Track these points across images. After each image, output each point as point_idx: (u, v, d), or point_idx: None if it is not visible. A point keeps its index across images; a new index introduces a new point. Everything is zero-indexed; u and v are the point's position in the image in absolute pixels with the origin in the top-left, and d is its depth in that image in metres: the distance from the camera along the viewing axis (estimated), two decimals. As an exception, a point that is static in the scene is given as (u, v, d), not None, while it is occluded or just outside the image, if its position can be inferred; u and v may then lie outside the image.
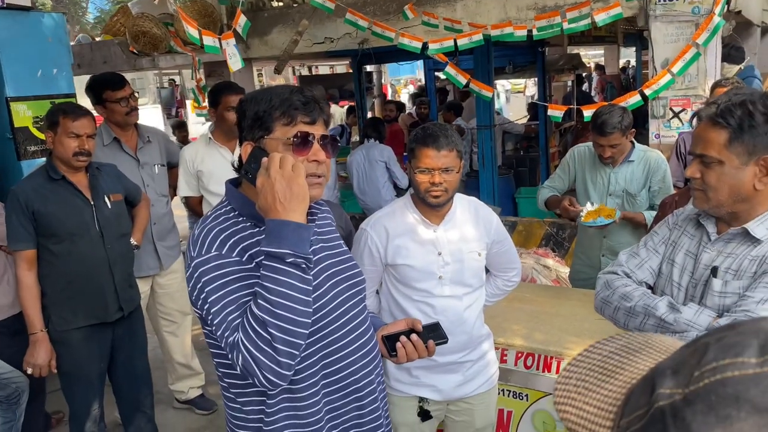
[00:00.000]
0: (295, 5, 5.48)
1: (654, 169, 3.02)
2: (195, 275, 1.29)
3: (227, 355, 1.27)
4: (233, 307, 1.25)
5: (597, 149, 3.03)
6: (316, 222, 1.44)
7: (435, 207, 2.01)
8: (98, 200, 2.71)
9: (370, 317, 1.57)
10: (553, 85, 9.91)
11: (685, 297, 1.59)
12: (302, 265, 1.20)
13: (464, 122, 7.71)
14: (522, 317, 2.77)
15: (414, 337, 1.52)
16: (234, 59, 3.61)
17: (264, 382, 1.20)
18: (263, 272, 1.20)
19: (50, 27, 3.91)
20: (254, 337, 1.18)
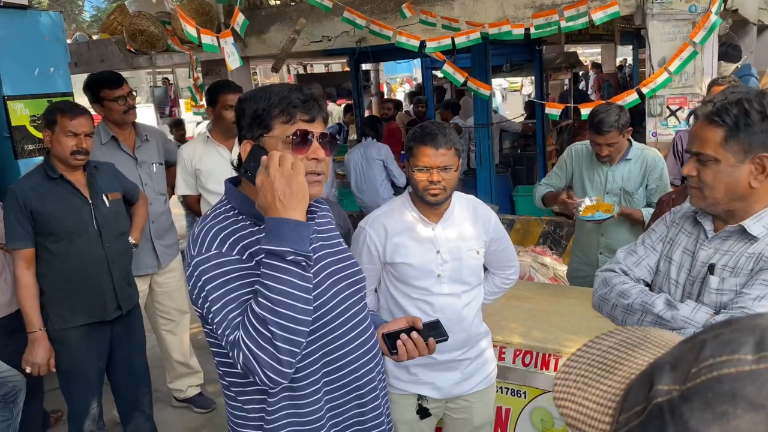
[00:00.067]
0: (293, 4, 5.48)
1: (651, 167, 3.03)
2: (195, 274, 1.29)
3: (228, 354, 1.27)
4: (234, 306, 1.25)
5: (594, 148, 3.04)
6: (316, 220, 1.44)
7: (433, 205, 2.01)
8: (96, 199, 2.71)
9: (371, 315, 1.57)
10: (550, 84, 9.93)
11: (683, 294, 1.60)
12: (302, 263, 1.20)
13: (461, 121, 7.72)
14: (520, 315, 2.78)
15: (414, 335, 1.52)
16: (232, 58, 3.61)
17: (265, 380, 1.20)
18: (263, 270, 1.20)
19: (47, 25, 3.90)
20: (255, 335, 1.18)
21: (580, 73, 12.72)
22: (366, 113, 8.71)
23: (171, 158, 3.56)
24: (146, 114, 14.06)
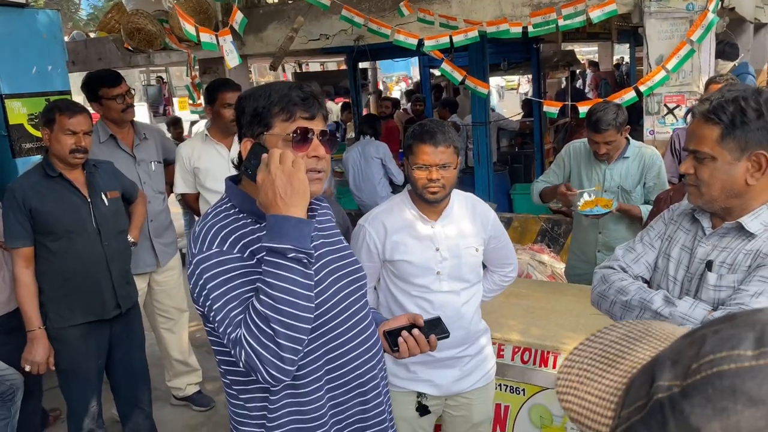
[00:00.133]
0: (291, 2, 5.47)
1: (649, 166, 3.04)
2: (196, 272, 1.29)
3: (230, 352, 1.27)
4: (235, 304, 1.25)
5: (592, 146, 3.05)
6: (317, 218, 1.44)
7: (433, 203, 2.02)
8: (95, 197, 2.70)
9: (372, 313, 1.57)
10: (548, 82, 9.93)
11: (681, 291, 1.61)
12: (304, 260, 1.20)
13: (459, 119, 7.72)
14: (518, 312, 2.79)
15: (416, 332, 1.52)
16: (231, 56, 3.61)
17: (267, 378, 1.20)
18: (265, 268, 1.20)
19: (45, 24, 3.89)
20: (257, 333, 1.18)
21: (577, 72, 12.72)
22: (364, 112, 8.71)
23: (169, 156, 3.56)
24: (140, 113, 13.98)
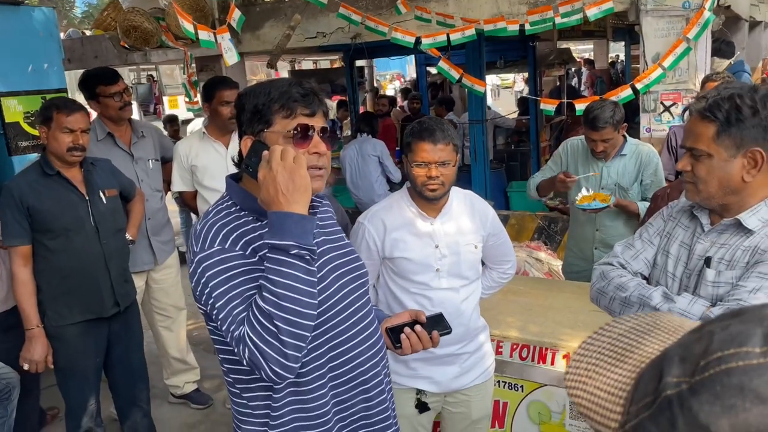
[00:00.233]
0: (287, 0, 5.46)
1: (646, 163, 3.05)
2: (198, 271, 1.28)
3: (232, 350, 1.26)
4: (238, 301, 1.24)
5: (589, 144, 3.05)
6: (318, 215, 1.44)
7: (432, 200, 2.02)
8: (93, 195, 2.70)
9: (374, 310, 1.57)
10: (543, 80, 9.94)
11: (680, 287, 1.62)
12: (306, 257, 1.20)
13: (456, 117, 7.73)
14: (516, 309, 2.79)
15: (418, 328, 1.52)
16: (230, 53, 3.60)
17: (271, 375, 1.19)
18: (267, 265, 1.20)
19: (41, 21, 3.88)
20: (260, 330, 1.18)
21: (573, 70, 12.75)
22: (361, 110, 8.71)
23: (167, 154, 3.56)
24: (130, 111, 13.79)
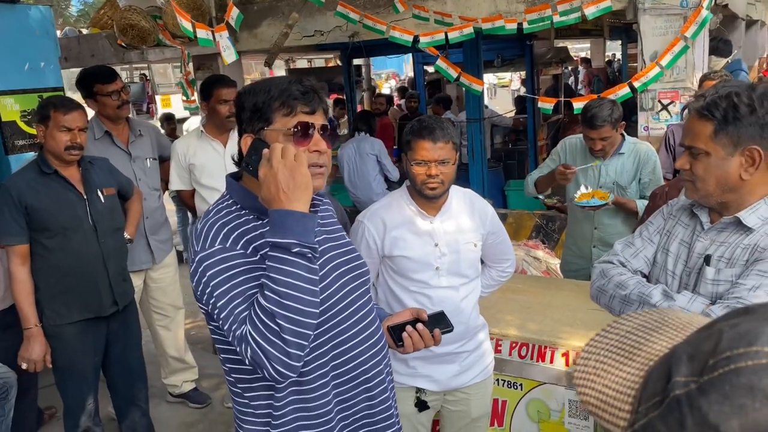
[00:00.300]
0: (285, -2, 5.44)
1: (644, 161, 3.05)
2: (199, 270, 1.28)
3: (234, 350, 1.26)
4: (240, 300, 1.23)
5: (588, 142, 3.06)
6: (319, 213, 1.43)
7: (432, 199, 2.02)
8: (91, 194, 2.69)
9: (375, 308, 1.56)
10: (541, 79, 9.95)
11: (679, 285, 1.62)
12: (308, 255, 1.19)
13: (453, 115, 7.73)
14: (515, 308, 2.80)
15: (420, 327, 1.51)
16: (228, 52, 3.59)
17: (273, 374, 1.19)
18: (269, 263, 1.19)
19: (37, 20, 3.86)
20: (262, 329, 1.17)
21: (569, 69, 12.75)
22: (358, 108, 8.70)
23: (165, 153, 3.55)
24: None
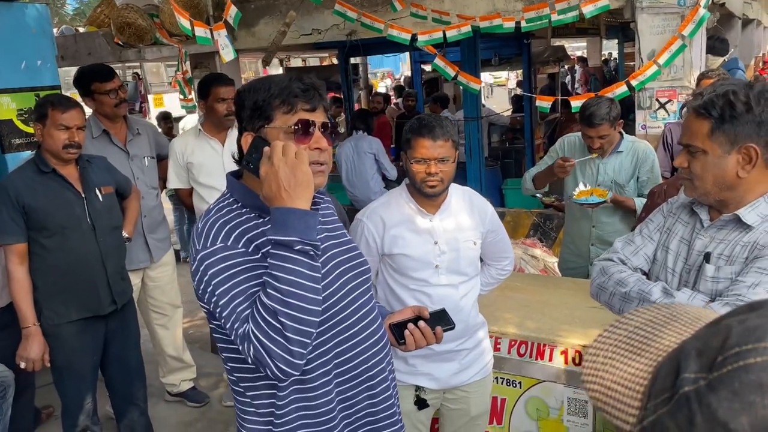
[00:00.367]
0: (282, -4, 5.43)
1: (642, 160, 3.06)
2: (201, 269, 1.27)
3: (236, 349, 1.25)
4: (242, 299, 1.23)
5: (586, 140, 3.06)
6: (320, 211, 1.43)
7: (431, 197, 2.02)
8: (89, 193, 2.68)
9: (377, 306, 1.56)
10: (538, 78, 9.98)
11: (679, 283, 1.62)
12: (310, 253, 1.19)
13: (451, 114, 7.73)
14: (514, 306, 2.80)
15: (422, 324, 1.51)
16: (226, 50, 3.58)
17: (276, 373, 1.18)
18: (271, 261, 1.19)
19: (34, 18, 3.84)
20: (265, 327, 1.17)
21: (566, 67, 12.79)
22: (356, 107, 8.70)
23: (162, 152, 3.54)
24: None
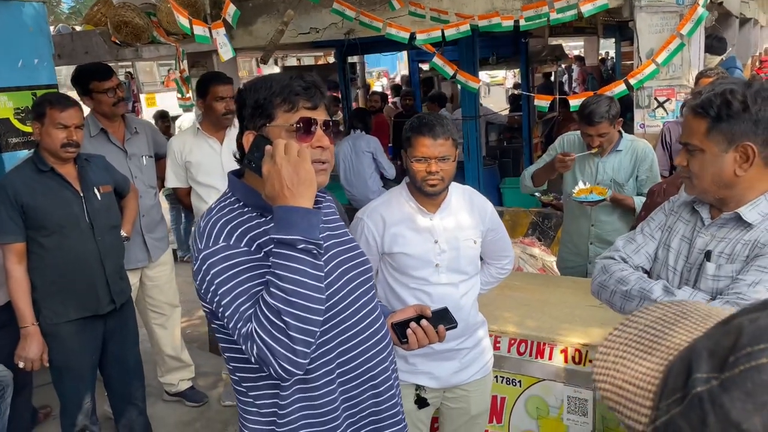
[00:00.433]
0: (280, -5, 5.41)
1: (641, 158, 3.06)
2: (203, 268, 1.26)
3: (238, 349, 1.24)
4: (245, 298, 1.22)
5: (585, 139, 3.06)
6: (322, 210, 1.42)
7: (431, 196, 2.02)
8: (88, 192, 2.67)
9: (379, 305, 1.55)
10: (535, 77, 9.98)
11: (680, 281, 1.62)
12: (313, 251, 1.18)
13: (448, 113, 7.73)
14: (513, 305, 2.80)
15: (424, 323, 1.51)
16: (225, 49, 3.57)
17: (280, 372, 1.18)
18: (274, 260, 1.18)
19: (31, 16, 3.82)
20: (268, 326, 1.16)
21: (563, 67, 12.80)
22: (353, 106, 8.69)
23: (161, 151, 3.53)
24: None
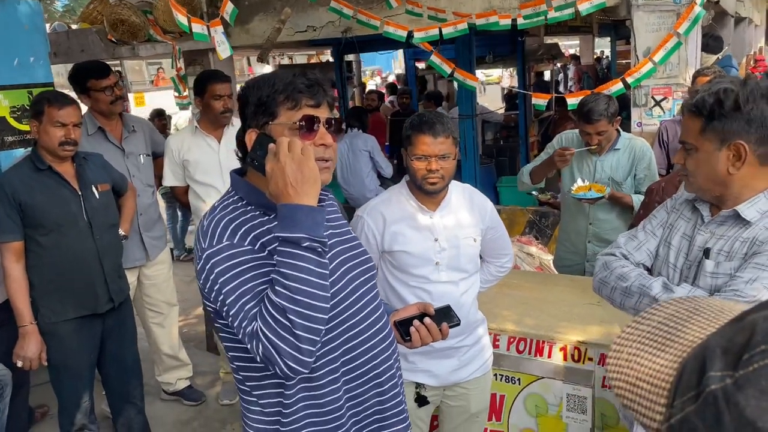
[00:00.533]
0: (277, -7, 5.40)
1: (639, 157, 3.07)
2: (207, 267, 1.26)
3: (243, 348, 1.24)
4: (249, 297, 1.22)
5: (584, 137, 3.07)
6: (326, 208, 1.43)
7: (432, 194, 2.02)
8: (86, 190, 2.66)
9: (382, 303, 1.55)
10: (532, 75, 10.01)
11: (680, 278, 1.64)
12: (318, 249, 1.18)
13: (445, 112, 7.73)
14: (512, 303, 2.80)
15: (427, 321, 1.51)
16: (223, 47, 3.56)
17: (285, 371, 1.17)
18: (279, 258, 1.18)
19: (26, 14, 3.80)
20: (274, 325, 1.16)
21: (559, 66, 12.83)
22: (350, 104, 8.68)
23: (158, 149, 3.52)
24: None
